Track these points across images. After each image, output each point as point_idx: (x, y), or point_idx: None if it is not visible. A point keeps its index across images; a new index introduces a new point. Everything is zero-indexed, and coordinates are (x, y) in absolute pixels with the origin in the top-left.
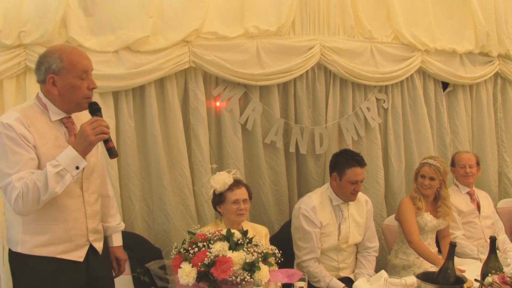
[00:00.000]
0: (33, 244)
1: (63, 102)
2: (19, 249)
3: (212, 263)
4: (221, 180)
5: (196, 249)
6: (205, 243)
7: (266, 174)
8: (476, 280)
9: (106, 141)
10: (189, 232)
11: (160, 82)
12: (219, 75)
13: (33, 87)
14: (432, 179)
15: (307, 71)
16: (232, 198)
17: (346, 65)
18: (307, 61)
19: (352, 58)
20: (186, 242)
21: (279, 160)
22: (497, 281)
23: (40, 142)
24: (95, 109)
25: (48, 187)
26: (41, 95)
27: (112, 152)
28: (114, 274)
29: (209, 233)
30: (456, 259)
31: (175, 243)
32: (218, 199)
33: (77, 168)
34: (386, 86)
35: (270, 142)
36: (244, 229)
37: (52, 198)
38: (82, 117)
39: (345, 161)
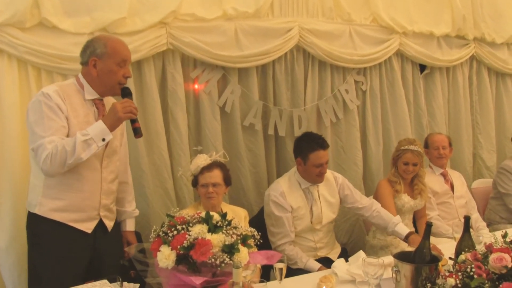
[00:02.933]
0: (49, 207)
1: (99, 84)
2: (37, 210)
3: (191, 246)
4: (196, 163)
5: (175, 232)
6: (184, 226)
7: (245, 156)
8: (450, 258)
9: (133, 121)
10: (168, 215)
11: (138, 65)
12: (197, 57)
13: (4, 69)
14: (415, 164)
15: (285, 54)
16: (201, 181)
17: (325, 48)
18: (286, 43)
19: (331, 41)
20: (165, 225)
21: (258, 143)
22: (470, 259)
23: (72, 115)
24: (127, 93)
25: (75, 152)
26: (80, 76)
27: (137, 132)
28: (125, 256)
29: (188, 216)
30: (431, 238)
31: (154, 227)
32: (194, 182)
33: (103, 140)
34: (365, 69)
35: (249, 125)
36: (223, 211)
37: (74, 167)
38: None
39: (307, 146)
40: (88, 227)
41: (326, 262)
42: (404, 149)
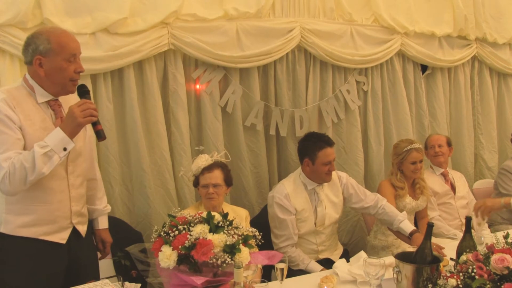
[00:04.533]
0: (16, 224)
1: (50, 84)
2: (2, 229)
3: (193, 246)
4: (197, 163)
5: (177, 232)
6: (185, 226)
7: (246, 156)
8: (451, 259)
9: (95, 124)
10: (170, 215)
11: (139, 65)
12: (198, 57)
13: (6, 69)
14: (421, 161)
15: (287, 54)
16: (202, 182)
17: (326, 48)
18: (287, 43)
19: (332, 41)
20: (167, 225)
21: (259, 143)
22: (471, 259)
23: (26, 124)
24: (83, 92)
25: (36, 168)
26: (28, 76)
27: (100, 135)
28: (99, 256)
29: (190, 216)
30: (433, 239)
31: (156, 227)
32: (195, 182)
33: (65, 149)
34: (366, 69)
35: (250, 125)
36: (224, 211)
37: (37, 180)
38: (71, 100)
39: (314, 145)
40: (62, 237)
41: (327, 264)
42: (408, 149)
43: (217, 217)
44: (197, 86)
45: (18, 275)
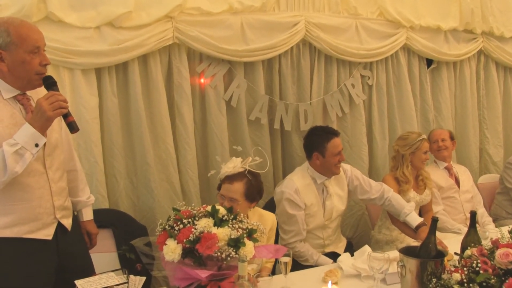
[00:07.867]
0: None
1: (14, 79)
2: None
3: (197, 240)
4: (225, 167)
5: (181, 226)
6: (190, 220)
7: (251, 151)
8: (456, 253)
9: (66, 116)
10: (174, 209)
11: (144, 59)
12: (203, 51)
13: None
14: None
15: (291, 48)
16: (221, 191)
17: (331, 42)
18: (292, 37)
19: (337, 35)
20: (171, 219)
21: (263, 137)
22: (476, 254)
23: None
24: (50, 83)
25: (7, 168)
26: None
27: (72, 127)
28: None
29: (194, 210)
30: (437, 234)
31: (160, 220)
32: (219, 187)
33: (37, 145)
34: (371, 63)
35: (255, 119)
36: (251, 216)
37: (13, 178)
38: (40, 92)
39: (321, 137)
40: (47, 234)
41: (333, 256)
42: (421, 139)
43: (222, 211)
44: (202, 80)
45: (8, 276)
